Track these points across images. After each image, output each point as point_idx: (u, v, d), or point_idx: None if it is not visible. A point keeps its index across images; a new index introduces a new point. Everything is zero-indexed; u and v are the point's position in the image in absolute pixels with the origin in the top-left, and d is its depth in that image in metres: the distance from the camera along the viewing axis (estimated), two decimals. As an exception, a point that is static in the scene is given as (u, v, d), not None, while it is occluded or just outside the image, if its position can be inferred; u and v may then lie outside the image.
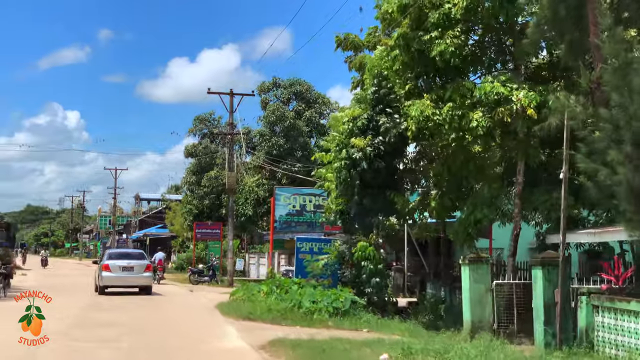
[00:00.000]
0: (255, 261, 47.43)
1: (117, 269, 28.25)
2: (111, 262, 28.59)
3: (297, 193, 24.70)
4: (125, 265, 28.49)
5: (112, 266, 28.23)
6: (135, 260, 29.23)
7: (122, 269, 28.34)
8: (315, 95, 44.84)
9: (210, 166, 53.99)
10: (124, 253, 32.34)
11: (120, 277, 28.21)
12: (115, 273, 28.12)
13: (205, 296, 28.35)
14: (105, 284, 28.25)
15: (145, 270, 28.90)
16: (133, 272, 28.39)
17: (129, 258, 29.58)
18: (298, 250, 23.71)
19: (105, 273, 28.11)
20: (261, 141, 42.23)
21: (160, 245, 71.13)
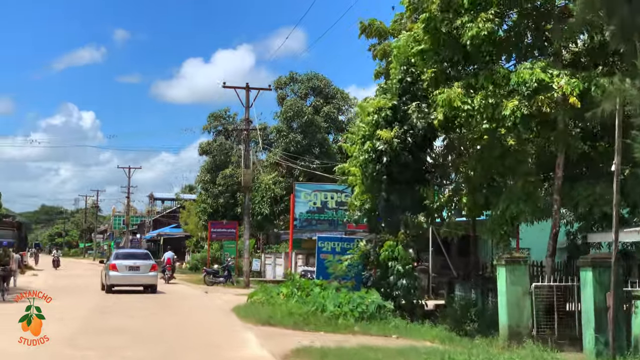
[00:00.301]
0: (271, 261, 46.19)
1: (124, 268, 29.28)
2: (118, 261, 29.62)
3: (318, 189, 23.33)
4: (132, 265, 29.52)
5: (119, 266, 29.23)
6: (141, 260, 30.26)
7: (129, 268, 29.37)
8: (333, 90, 43.44)
9: (225, 164, 52.76)
10: (130, 253, 33.32)
11: (126, 276, 29.20)
12: (122, 272, 29.10)
13: (220, 298, 27.13)
14: (113, 283, 29.21)
15: (151, 269, 29.81)
16: (139, 272, 29.42)
17: (135, 258, 30.64)
18: (319, 250, 22.40)
19: (113, 272, 29.10)
20: (278, 137, 40.84)
21: (174, 245, 70.45)
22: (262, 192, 41.61)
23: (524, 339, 15.58)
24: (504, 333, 16.22)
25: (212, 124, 53.96)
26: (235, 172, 51.31)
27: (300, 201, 23.08)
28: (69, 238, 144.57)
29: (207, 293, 30.31)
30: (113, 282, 29.23)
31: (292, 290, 20.96)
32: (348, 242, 22.54)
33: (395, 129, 19.21)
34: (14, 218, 56.70)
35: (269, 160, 43.02)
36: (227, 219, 47.07)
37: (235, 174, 51.11)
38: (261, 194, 41.57)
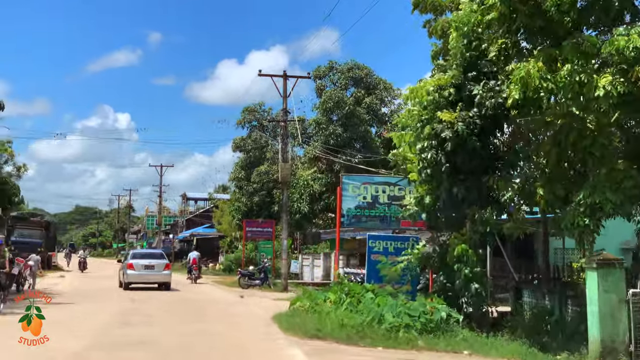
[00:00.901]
0: (309, 262, 43.76)
1: (140, 267, 31.34)
2: (135, 261, 31.78)
3: (368, 182, 20.66)
4: (147, 264, 31.57)
5: (135, 265, 31.33)
6: (155, 260, 32.33)
7: (145, 267, 31.41)
8: (375, 80, 40.70)
9: (260, 160, 50.38)
10: (146, 253, 35.40)
11: (142, 274, 31.24)
12: (138, 271, 31.11)
13: (258, 303, 24.68)
14: (130, 281, 31.26)
15: (165, 268, 31.95)
16: (154, 271, 31.42)
17: (150, 258, 32.74)
18: (370, 251, 19.84)
19: (130, 271, 31.14)
20: (317, 130, 38.21)
21: (207, 246, 68.74)
22: (300, 189, 39.06)
23: (620, 357, 12.99)
24: (595, 349, 13.58)
25: (247, 118, 51.47)
26: (270, 168, 48.93)
27: (348, 195, 20.42)
28: (102, 238, 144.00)
29: (242, 297, 27.90)
30: (130, 280, 31.23)
31: (340, 296, 18.42)
32: (402, 242, 19.97)
33: (458, 110, 16.53)
34: (42, 217, 54.86)
35: (307, 155, 40.42)
36: (263, 217, 44.64)
37: (270, 171, 48.74)
38: (299, 191, 39.02)
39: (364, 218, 20.84)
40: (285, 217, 33.13)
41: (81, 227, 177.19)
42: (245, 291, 32.66)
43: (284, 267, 33.43)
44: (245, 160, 51.55)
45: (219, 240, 65.39)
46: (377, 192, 20.76)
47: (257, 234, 40.38)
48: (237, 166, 52.23)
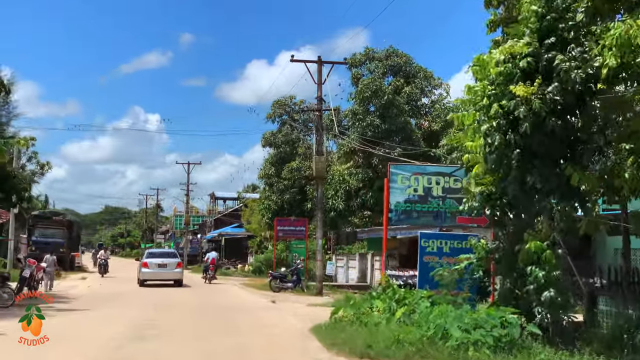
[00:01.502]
0: (343, 264, 41.16)
1: (154, 265, 34.06)
2: (149, 260, 34.69)
3: (419, 172, 17.85)
4: (160, 263, 34.35)
5: (150, 263, 34.08)
6: (168, 259, 35.37)
7: (158, 265, 34.15)
8: (415, 68, 37.79)
9: (291, 156, 47.76)
10: (159, 253, 38.73)
11: (156, 272, 33.86)
12: (152, 269, 33.69)
13: (292, 310, 22.08)
14: (144, 278, 33.88)
15: (177, 267, 34.58)
16: (166, 269, 34.02)
17: (163, 257, 35.91)
18: (422, 251, 17.13)
19: (144, 269, 33.96)
20: (353, 122, 35.42)
21: (236, 246, 66.66)
22: (335, 185, 36.34)
23: None
24: None
25: (277, 112, 48.86)
26: (302, 164, 46.34)
27: (396, 187, 17.65)
28: (130, 239, 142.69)
29: (274, 303, 25.32)
30: (145, 277, 33.99)
31: (389, 304, 15.76)
32: (459, 241, 17.24)
33: (536, 83, 13.73)
34: (65, 216, 52.79)
35: (342, 149, 37.68)
36: (294, 216, 42.02)
37: (302, 167, 46.16)
38: (334, 187, 36.31)
39: (414, 214, 18.08)
40: (320, 215, 30.50)
41: (110, 228, 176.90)
42: (276, 295, 30.16)
43: (319, 269, 30.81)
44: (275, 156, 49.01)
45: (247, 240, 63.24)
46: (429, 183, 17.98)
47: (289, 233, 37.80)
48: (266, 162, 49.67)
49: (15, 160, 38.46)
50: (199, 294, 29.45)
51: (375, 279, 37.66)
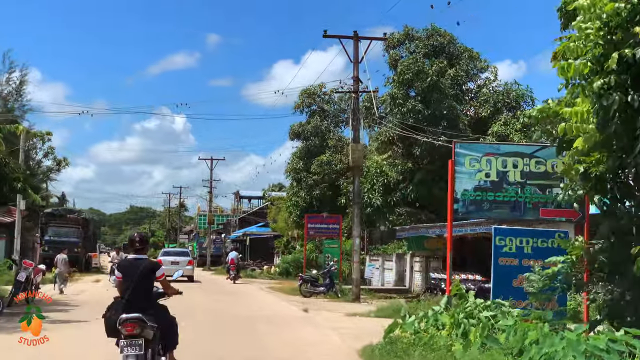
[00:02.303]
0: (378, 265, 37.65)
1: (168, 263, 35.70)
2: (163, 257, 38.29)
3: (491, 152, 14.15)
4: (173, 260, 37.80)
5: (164, 261, 35.00)
6: (180, 257, 39.90)
7: (171, 263, 36.71)
8: (459, 49, 34.03)
9: (320, 149, 44.19)
10: (173, 252, 44.41)
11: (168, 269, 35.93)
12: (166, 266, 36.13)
13: (330, 322, 18.48)
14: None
15: (188, 264, 38.45)
16: (178, 266, 35.48)
17: (176, 255, 40.91)
18: (497, 251, 13.51)
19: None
20: (391, 107, 31.71)
21: (262, 246, 63.45)
22: (372, 178, 32.66)
23: None
24: None
25: (305, 102, 45.27)
26: (333, 157, 42.78)
27: (462, 172, 13.98)
28: (154, 239, 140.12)
29: (306, 312, 21.75)
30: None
31: (460, 320, 12.14)
32: (544, 238, 13.61)
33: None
34: (80, 214, 49.69)
35: (379, 138, 33.99)
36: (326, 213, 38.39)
37: (333, 161, 42.60)
38: (370, 181, 32.63)
39: (485, 204, 14.37)
40: (356, 210, 26.94)
41: (135, 228, 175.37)
42: (307, 301, 26.75)
43: (356, 272, 27.24)
44: (303, 149, 45.47)
45: (273, 240, 59.90)
46: (504, 166, 14.28)
47: (320, 231, 34.19)
48: (294, 156, 46.13)
49: (22, 151, 35.43)
50: (219, 299, 26.06)
51: (414, 282, 34.16)
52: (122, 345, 8.48)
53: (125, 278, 8.91)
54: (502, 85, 33.42)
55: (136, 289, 8.75)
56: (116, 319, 8.53)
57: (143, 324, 8.48)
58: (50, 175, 60.54)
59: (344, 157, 42.25)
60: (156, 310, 9.01)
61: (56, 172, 60.43)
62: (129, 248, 9.80)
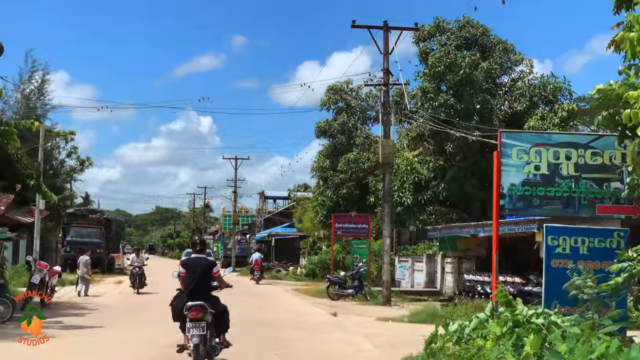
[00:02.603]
0: (407, 266, 36.31)
1: None
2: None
3: (541, 143, 12.75)
4: None
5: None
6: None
7: None
8: (493, 40, 32.54)
9: (347, 147, 42.89)
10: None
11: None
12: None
13: (361, 327, 17.18)
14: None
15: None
16: None
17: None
18: (550, 252, 12.14)
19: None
20: (422, 102, 30.27)
21: (287, 247, 62.26)
22: (401, 175, 31.30)
23: None
24: None
25: (332, 99, 44.00)
26: (360, 155, 41.47)
27: (509, 165, 12.63)
28: (180, 239, 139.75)
29: (335, 316, 20.51)
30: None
31: (511, 329, 10.81)
32: (602, 238, 12.21)
33: None
34: (103, 214, 48.84)
35: (409, 134, 32.60)
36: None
37: (360, 159, 41.30)
38: (400, 178, 31.27)
39: (535, 200, 13.00)
40: (387, 209, 25.62)
41: (160, 229, 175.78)
42: (336, 303, 25.52)
43: (386, 273, 25.90)
44: (330, 147, 44.17)
45: (299, 240, 58.67)
46: (557, 158, 12.90)
47: (349, 231, 32.88)
48: (320, 155, 44.83)
49: (41, 149, 34.58)
50: (243, 301, 24.81)
51: (445, 284, 32.81)
52: (189, 327, 10.38)
53: (188, 273, 10.90)
54: (538, 78, 31.83)
55: (198, 282, 10.73)
56: (182, 306, 10.52)
57: (205, 310, 10.41)
58: (74, 175, 60.12)
59: (371, 155, 40.99)
60: (212, 300, 10.86)
61: (79, 171, 59.99)
62: (192, 249, 12.64)
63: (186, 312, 10.41)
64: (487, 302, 20.67)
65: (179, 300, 10.93)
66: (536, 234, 21.28)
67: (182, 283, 11.06)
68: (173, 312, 11.01)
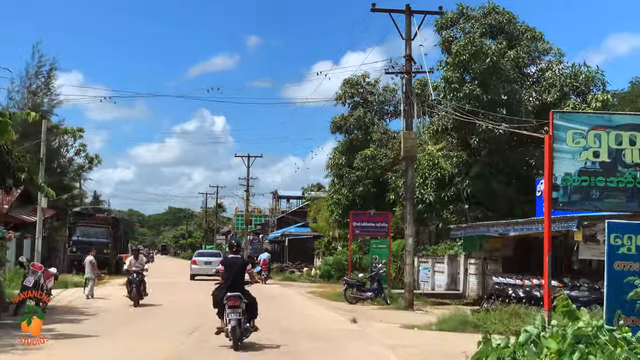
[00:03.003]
0: (428, 266, 34.51)
1: (201, 263, 41.96)
2: (197, 258, 43.63)
3: (601, 125, 10.81)
4: (206, 261, 41.86)
5: (198, 261, 42.54)
6: (213, 257, 42.44)
7: (204, 263, 41.57)
8: (521, 28, 30.48)
9: (364, 143, 40.98)
10: (206, 253, 48.83)
11: (202, 267, 41.21)
12: (200, 265, 41.82)
13: (388, 339, 15.15)
14: (194, 273, 41.55)
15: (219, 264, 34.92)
16: (211, 266, 37.87)
17: (208, 256, 44.40)
18: (612, 253, 10.29)
19: (194, 266, 42.47)
20: (447, 92, 28.32)
21: (301, 247, 60.67)
22: (423, 171, 29.37)
23: None
24: None
25: (348, 93, 42.07)
26: (378, 152, 39.58)
27: (564, 150, 10.75)
28: (192, 240, 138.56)
29: (355, 323, 18.69)
30: (194, 272, 41.73)
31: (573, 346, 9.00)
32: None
33: None
34: (110, 213, 47.24)
35: (432, 127, 30.62)
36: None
37: (378, 155, 39.42)
38: (422, 174, 29.35)
39: (594, 192, 11.12)
40: (409, 206, 23.79)
41: (173, 229, 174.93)
42: (354, 308, 23.84)
43: (409, 275, 24.06)
44: (346, 143, 42.25)
45: (313, 240, 56.97)
46: (619, 143, 11.02)
47: (367, 230, 30.97)
48: (336, 151, 42.88)
49: (43, 144, 32.96)
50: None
51: (469, 286, 30.98)
52: (228, 312, 12.87)
53: (227, 270, 13.50)
54: (570, 67, 29.84)
55: (235, 277, 13.34)
56: (222, 296, 13.10)
57: (240, 300, 12.98)
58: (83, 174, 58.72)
59: (389, 151, 39.19)
60: (245, 292, 13.40)
61: (88, 170, 58.52)
62: (229, 251, 16.36)
63: (225, 301, 12.97)
64: (522, 307, 18.88)
65: (219, 291, 13.41)
66: (575, 233, 19.45)
67: (222, 277, 13.65)
68: (214, 300, 13.54)
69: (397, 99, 42.82)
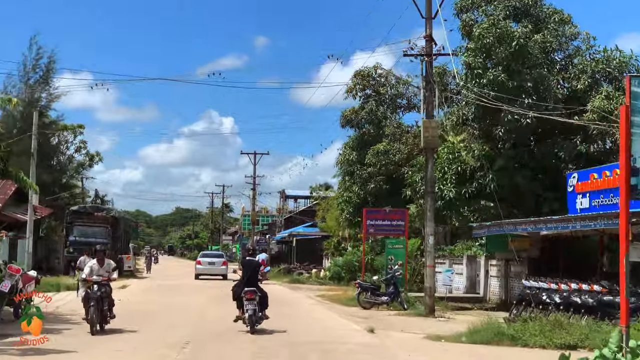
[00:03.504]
0: (450, 268, 32.31)
1: (205, 263, 44.74)
2: (201, 259, 46.05)
3: None
4: (210, 261, 44.95)
5: (202, 262, 45.05)
6: (216, 258, 46.12)
7: (208, 263, 44.67)
8: (548, 11, 28.10)
9: (376, 138, 38.73)
10: (210, 254, 50.49)
11: (206, 268, 44.23)
12: (204, 266, 44.46)
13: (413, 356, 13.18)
14: (198, 273, 43.89)
15: (222, 264, 44.48)
16: (214, 266, 44.13)
17: (212, 257, 47.14)
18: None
19: (198, 266, 44.83)
20: (469, 78, 25.97)
21: (309, 247, 58.73)
22: (443, 164, 27.06)
23: None
24: None
25: (359, 85, 39.80)
26: (391, 147, 37.32)
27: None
28: (198, 240, 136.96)
29: (373, 333, 16.50)
30: (198, 272, 43.79)
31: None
32: None
33: None
34: (109, 212, 45.19)
35: (451, 118, 28.24)
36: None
37: (391, 150, 37.17)
38: (441, 168, 27.05)
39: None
40: (430, 202, 21.56)
41: (180, 229, 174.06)
42: (369, 314, 21.78)
43: (430, 278, 21.79)
44: (356, 138, 40.00)
45: (322, 240, 54.90)
46: None
47: (382, 228, 28.60)
48: (346, 146, 40.63)
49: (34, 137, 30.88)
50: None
51: (489, 290, 28.82)
52: (246, 304, 15.94)
53: (244, 269, 16.85)
54: (601, 52, 27.53)
55: (251, 275, 16.52)
56: (240, 291, 16.21)
57: (255, 293, 16.14)
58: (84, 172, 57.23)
59: (402, 146, 37.00)
60: (259, 287, 16.59)
61: (88, 167, 56.85)
62: (246, 254, 19.13)
63: (243, 295, 15.95)
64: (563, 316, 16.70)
65: (237, 287, 16.40)
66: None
67: (241, 276, 16.77)
68: (233, 294, 16.52)
69: (410, 92, 40.80)
